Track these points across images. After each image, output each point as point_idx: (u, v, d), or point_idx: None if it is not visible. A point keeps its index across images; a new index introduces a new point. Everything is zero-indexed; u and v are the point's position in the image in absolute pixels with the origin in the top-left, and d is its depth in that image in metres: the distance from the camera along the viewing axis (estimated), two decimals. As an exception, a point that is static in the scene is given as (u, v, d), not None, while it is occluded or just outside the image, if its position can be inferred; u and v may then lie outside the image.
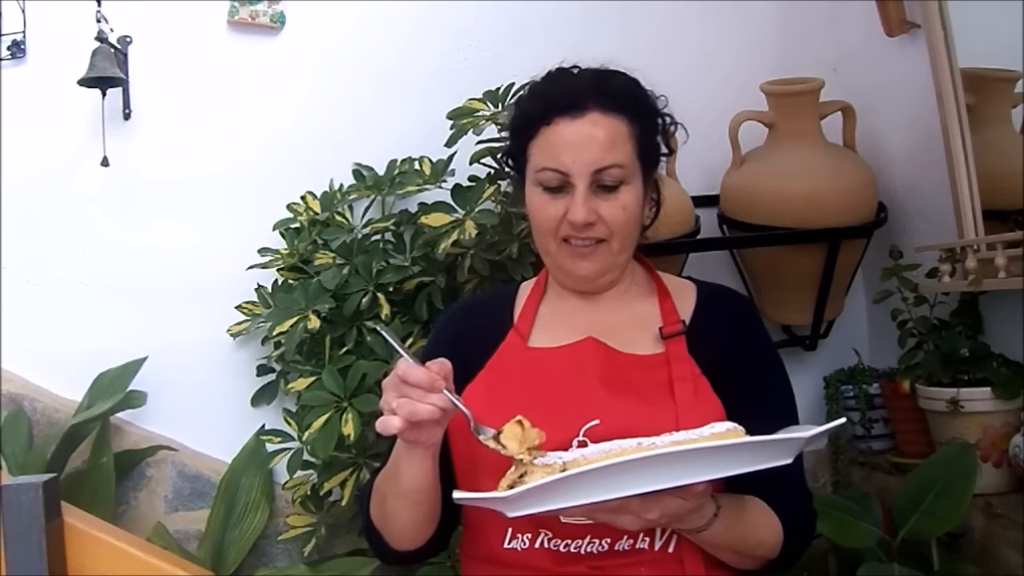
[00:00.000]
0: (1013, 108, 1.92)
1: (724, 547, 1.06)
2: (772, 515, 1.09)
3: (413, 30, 2.41)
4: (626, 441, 0.95)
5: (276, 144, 2.37)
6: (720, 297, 1.24)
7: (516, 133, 1.19)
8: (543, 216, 1.14)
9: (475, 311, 1.29)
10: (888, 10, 2.13)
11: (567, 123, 1.11)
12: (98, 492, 2.09)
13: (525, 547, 1.08)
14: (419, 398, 0.96)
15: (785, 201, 2.15)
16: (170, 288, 2.32)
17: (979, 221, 1.88)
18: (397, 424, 0.95)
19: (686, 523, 1.00)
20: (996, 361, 1.86)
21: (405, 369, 0.97)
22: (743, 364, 1.14)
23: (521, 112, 1.18)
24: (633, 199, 1.14)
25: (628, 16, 2.42)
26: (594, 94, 1.13)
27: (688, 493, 0.94)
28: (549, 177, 1.12)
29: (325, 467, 2.05)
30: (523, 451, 0.95)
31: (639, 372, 1.12)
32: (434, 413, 0.96)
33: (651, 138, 1.18)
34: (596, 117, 1.11)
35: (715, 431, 0.96)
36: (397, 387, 0.97)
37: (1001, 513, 1.74)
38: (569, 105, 1.12)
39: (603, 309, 1.20)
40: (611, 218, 1.12)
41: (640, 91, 1.18)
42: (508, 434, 0.97)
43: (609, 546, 1.06)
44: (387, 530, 1.14)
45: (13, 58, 2.33)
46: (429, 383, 0.96)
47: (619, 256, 1.16)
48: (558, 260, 1.17)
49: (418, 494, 1.07)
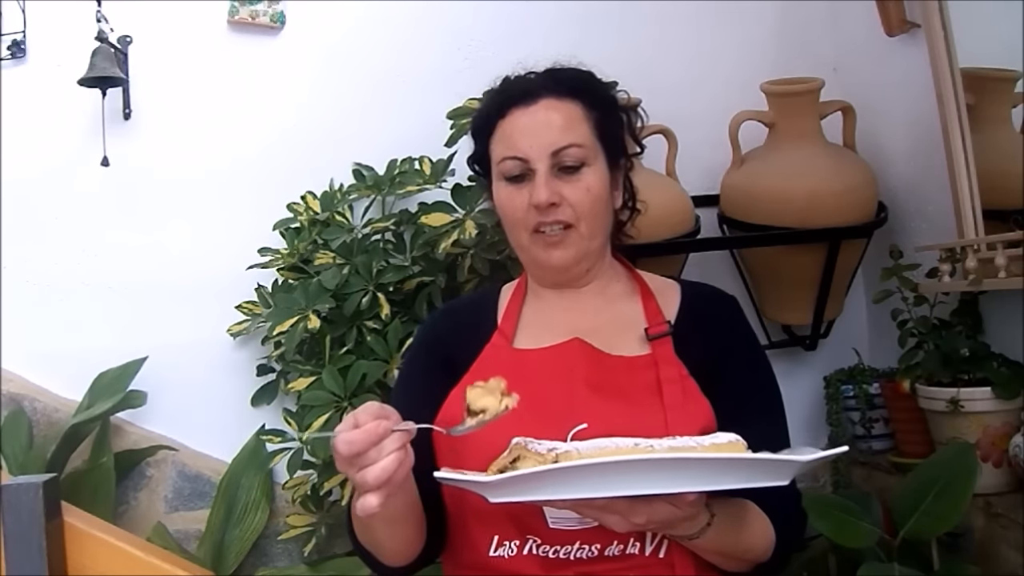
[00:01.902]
0: (1013, 108, 1.92)
1: (715, 552, 1.05)
2: (765, 520, 1.07)
3: (413, 30, 2.41)
4: (623, 440, 0.92)
5: (276, 144, 2.37)
6: (705, 297, 1.23)
7: (477, 135, 1.21)
8: (510, 207, 1.15)
9: (457, 314, 1.28)
10: (888, 10, 2.13)
11: (521, 112, 1.14)
12: (98, 492, 2.09)
13: (513, 554, 1.07)
14: (375, 458, 0.88)
15: (785, 201, 2.15)
16: (170, 288, 2.32)
17: (979, 221, 1.88)
18: (374, 502, 0.88)
19: (675, 530, 0.99)
20: (996, 361, 1.86)
21: (345, 447, 0.88)
22: (730, 364, 1.14)
23: (478, 114, 1.21)
24: (597, 181, 1.14)
25: (628, 16, 2.42)
26: (546, 84, 1.16)
27: (679, 501, 0.92)
28: (510, 166, 1.13)
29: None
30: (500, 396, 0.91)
31: (626, 374, 1.11)
32: (397, 460, 0.89)
33: (612, 125, 1.18)
34: (549, 103, 1.14)
35: (716, 441, 0.93)
36: (349, 463, 0.89)
37: (1001, 513, 1.74)
38: (521, 96, 1.15)
39: (586, 309, 1.19)
40: (575, 200, 1.12)
41: (594, 80, 1.20)
42: (474, 398, 0.92)
43: (599, 552, 1.04)
44: (380, 552, 1.11)
45: (13, 58, 2.33)
46: (374, 437, 0.88)
47: (591, 242, 1.15)
48: (531, 253, 1.16)
49: (407, 516, 1.06)
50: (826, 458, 0.92)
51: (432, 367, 1.19)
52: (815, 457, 0.91)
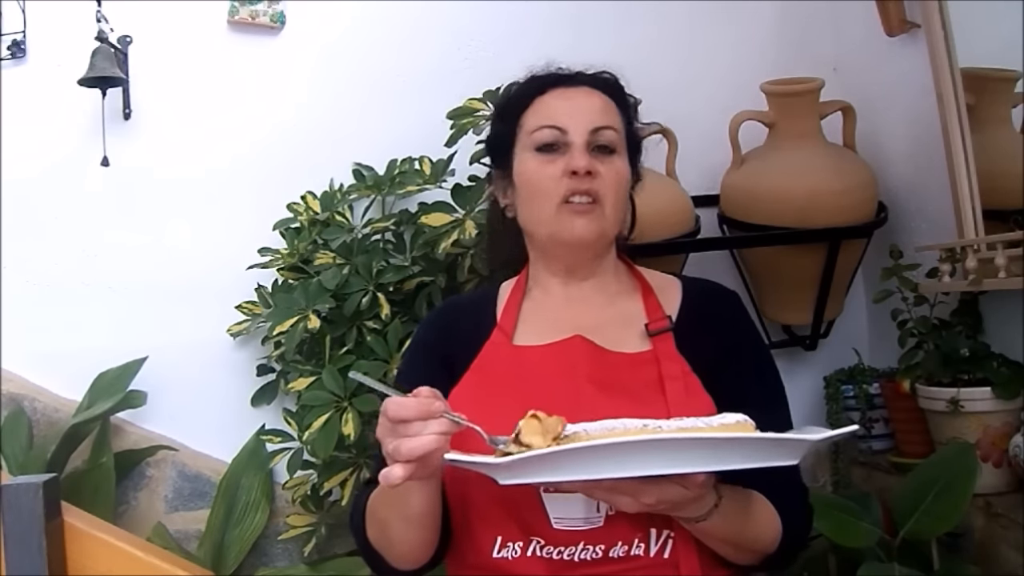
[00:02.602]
0: (1013, 108, 1.92)
1: (721, 539, 1.04)
2: (772, 510, 1.07)
3: (413, 30, 2.41)
4: (632, 421, 0.92)
5: (276, 144, 2.37)
6: (707, 293, 1.22)
7: (507, 111, 1.21)
8: (540, 177, 1.14)
9: (456, 312, 1.27)
10: (888, 10, 2.13)
11: (562, 91, 1.17)
12: (98, 492, 2.10)
13: (516, 555, 1.06)
14: (418, 431, 0.90)
15: (785, 201, 2.15)
16: (170, 288, 2.32)
17: (979, 221, 1.88)
18: (399, 473, 0.89)
19: (684, 511, 0.98)
20: (996, 361, 1.86)
21: (394, 408, 0.90)
22: (733, 360, 1.13)
23: (512, 94, 1.22)
24: (623, 170, 1.16)
25: (628, 16, 2.42)
26: (585, 75, 1.19)
27: (689, 482, 0.92)
28: (546, 135, 1.14)
29: (325, 467, 2.06)
30: (550, 442, 0.90)
31: (628, 371, 1.11)
32: (437, 442, 0.90)
33: (633, 133, 1.21)
34: (589, 90, 1.17)
35: (724, 422, 0.93)
36: (391, 430, 0.91)
37: (1001, 513, 1.74)
38: (562, 79, 1.18)
39: (587, 306, 1.18)
40: (607, 177, 1.13)
41: (621, 86, 1.22)
42: (528, 431, 0.91)
43: (603, 553, 1.03)
44: (390, 552, 1.10)
45: (13, 58, 2.33)
46: (424, 412, 0.90)
47: (611, 224, 1.15)
48: (555, 226, 1.14)
49: (425, 518, 1.04)
50: (836, 437, 0.93)
51: (432, 364, 1.18)
52: (825, 436, 0.92)
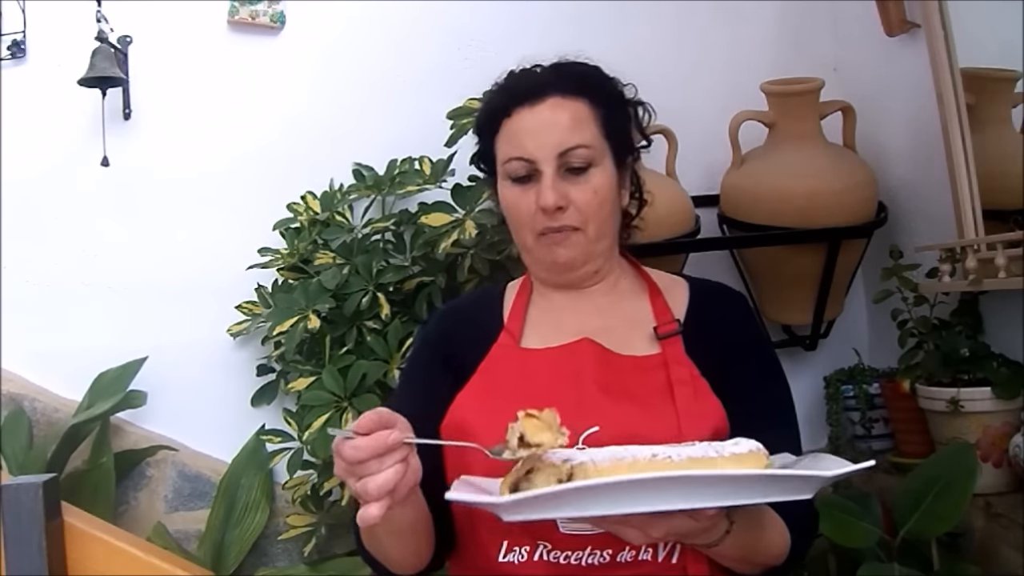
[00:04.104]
0: (1013, 108, 1.92)
1: (733, 558, 1.02)
2: (781, 524, 1.04)
3: (413, 30, 2.41)
4: (639, 449, 0.88)
5: (276, 144, 2.37)
6: (715, 294, 1.21)
7: (481, 132, 1.18)
8: (516, 210, 1.13)
9: (461, 313, 1.25)
10: (888, 10, 2.13)
11: (527, 111, 1.11)
12: (98, 492, 2.10)
13: (523, 560, 1.04)
14: (377, 468, 0.84)
15: (785, 201, 2.15)
16: (170, 288, 2.32)
17: (979, 221, 1.88)
18: (375, 512, 0.84)
19: (695, 541, 0.96)
20: (996, 361, 1.86)
21: (349, 451, 0.84)
22: (740, 361, 1.12)
23: (483, 110, 1.18)
24: (604, 182, 1.12)
25: (628, 15, 2.42)
26: (552, 81, 1.13)
27: (699, 515, 0.89)
28: (516, 167, 1.11)
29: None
30: (560, 436, 0.87)
31: (636, 375, 1.09)
32: (399, 472, 0.85)
33: (619, 122, 1.16)
34: (556, 101, 1.11)
35: (737, 451, 0.89)
36: (349, 471, 0.86)
37: (1001, 513, 1.74)
38: (527, 94, 1.12)
39: (594, 308, 1.17)
40: (583, 202, 1.10)
41: (601, 76, 1.17)
42: (532, 431, 0.86)
43: (611, 558, 1.02)
44: (387, 560, 1.08)
45: (13, 58, 2.33)
46: (380, 448, 0.84)
47: (597, 244, 1.14)
48: (536, 254, 1.15)
49: (416, 525, 1.03)
50: (853, 473, 0.87)
51: (436, 366, 1.17)
52: (841, 472, 0.87)
